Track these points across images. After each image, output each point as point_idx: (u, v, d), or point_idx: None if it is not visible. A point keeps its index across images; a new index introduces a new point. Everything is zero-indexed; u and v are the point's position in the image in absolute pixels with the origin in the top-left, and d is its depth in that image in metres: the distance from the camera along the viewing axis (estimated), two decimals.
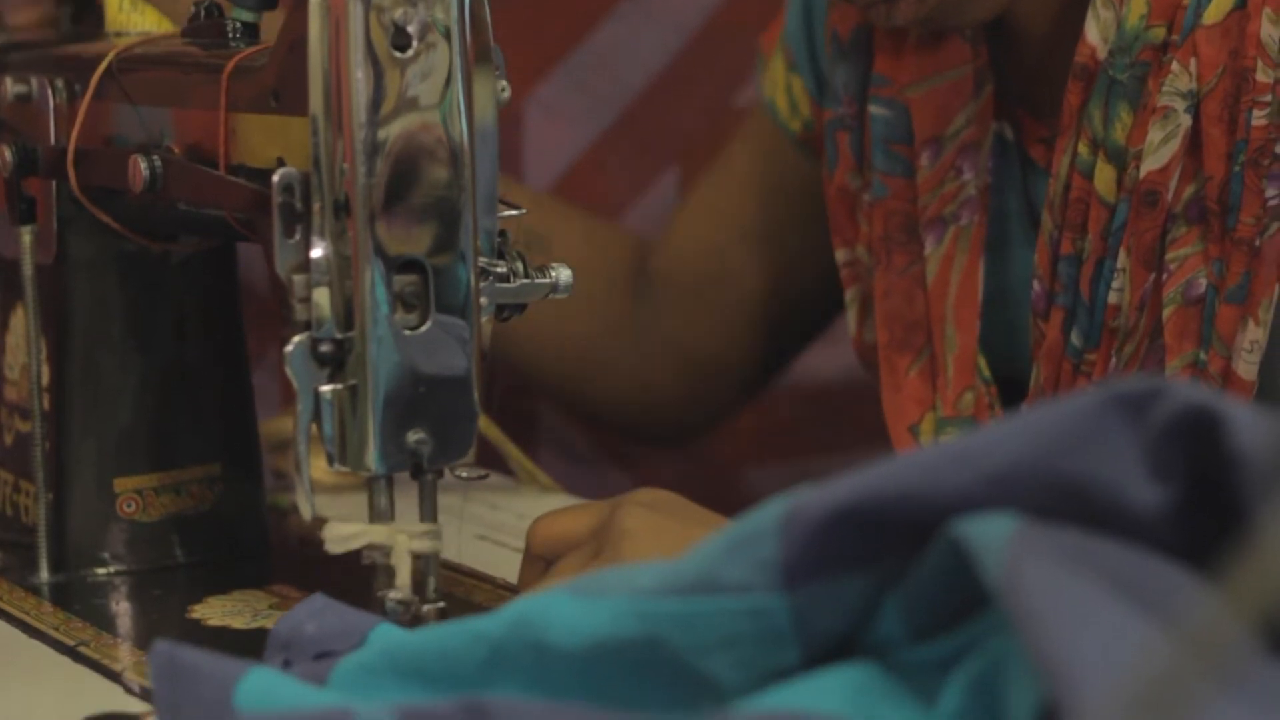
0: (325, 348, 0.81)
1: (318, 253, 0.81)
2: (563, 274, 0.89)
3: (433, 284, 0.82)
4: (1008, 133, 1.11)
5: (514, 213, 0.88)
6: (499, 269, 0.87)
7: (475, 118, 0.83)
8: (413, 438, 0.82)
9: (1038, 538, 0.55)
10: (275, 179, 0.82)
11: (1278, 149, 0.96)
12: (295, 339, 0.81)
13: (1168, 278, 0.98)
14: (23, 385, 1.05)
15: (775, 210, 1.28)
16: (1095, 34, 1.00)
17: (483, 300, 0.85)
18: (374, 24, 0.80)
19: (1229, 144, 0.97)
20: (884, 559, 0.59)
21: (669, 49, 1.49)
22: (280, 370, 0.82)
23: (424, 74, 0.81)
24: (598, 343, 1.33)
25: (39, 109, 1.03)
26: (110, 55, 0.99)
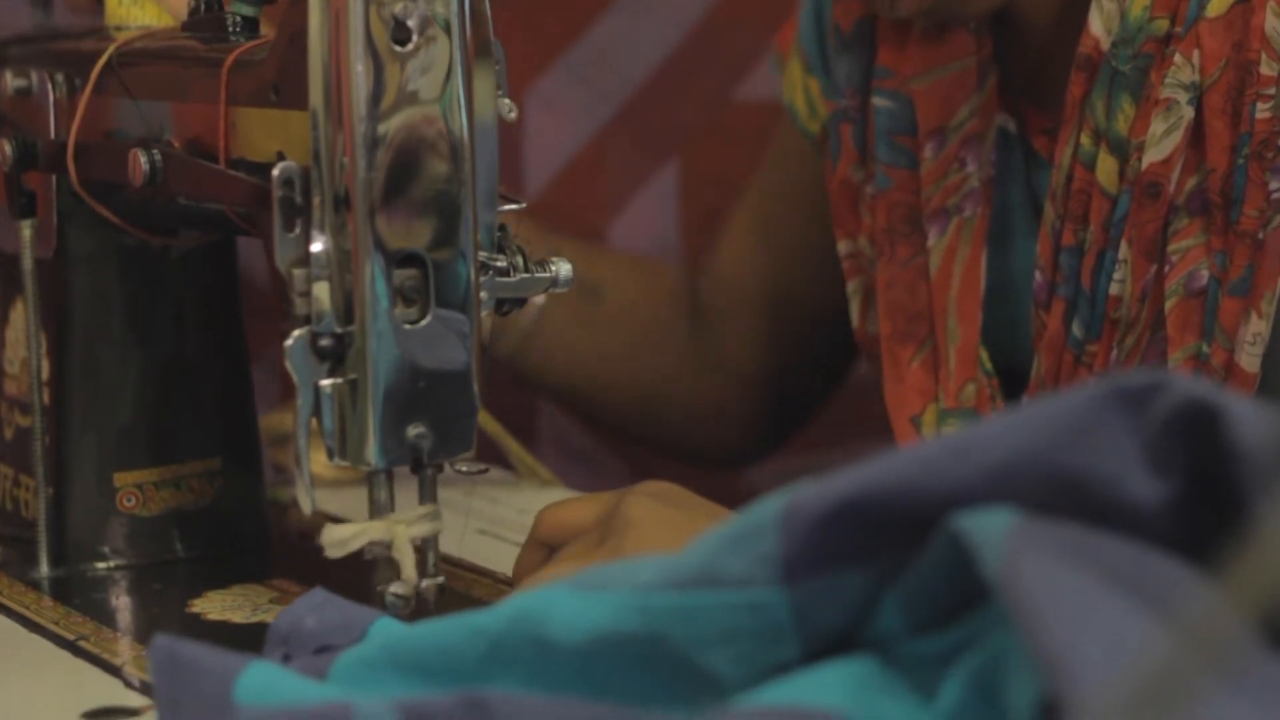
0: (325, 342, 0.81)
1: (318, 247, 0.81)
2: (563, 268, 0.89)
3: (433, 278, 0.82)
4: (1010, 125, 1.11)
5: (514, 207, 0.88)
6: (499, 263, 0.87)
7: (475, 112, 0.83)
8: (413, 432, 0.82)
9: (1037, 532, 0.55)
10: (275, 173, 0.82)
11: None
12: (295, 333, 0.81)
13: (1170, 269, 0.98)
14: (23, 380, 1.05)
15: (816, 223, 1.27)
16: (1099, 25, 1.00)
17: (483, 295, 0.85)
18: (374, 18, 0.80)
19: (1232, 137, 0.97)
20: (884, 553, 0.59)
21: (669, 43, 1.48)
22: (280, 365, 0.82)
23: (424, 68, 0.81)
24: (660, 379, 1.34)
25: (39, 103, 1.03)
26: (110, 49, 0.99)
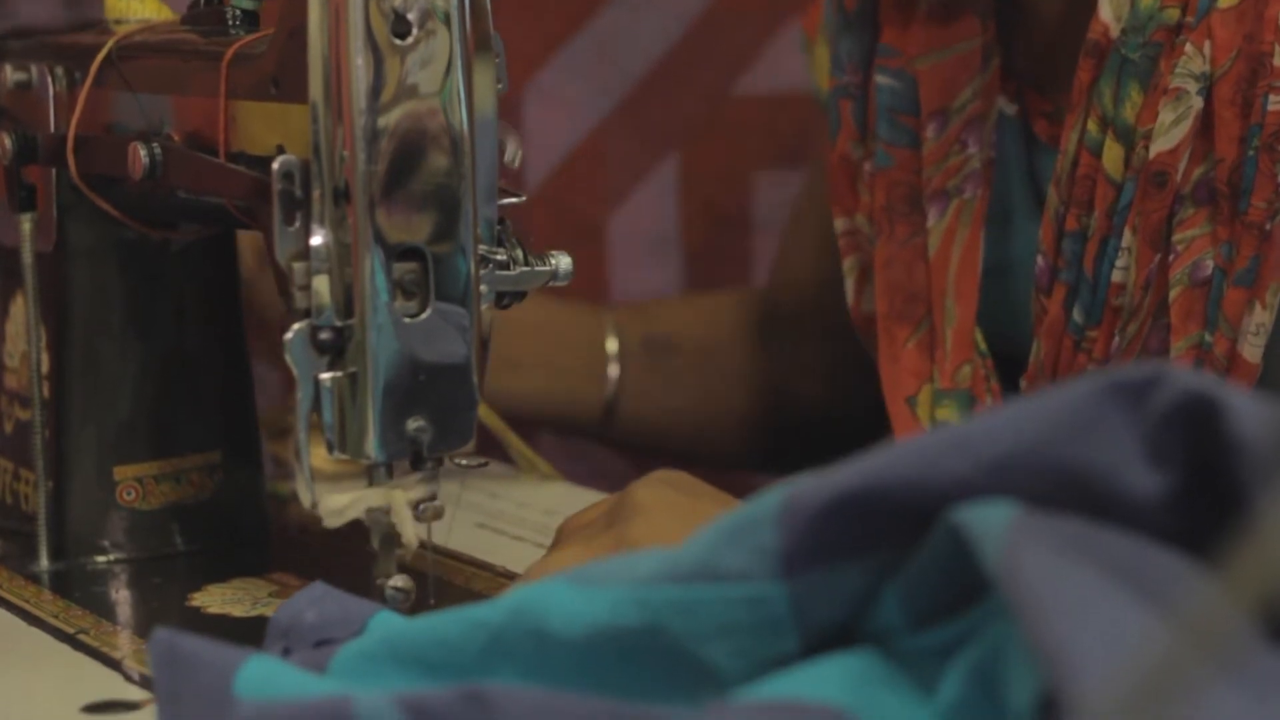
0: (325, 335, 0.81)
1: (317, 240, 0.81)
2: (562, 262, 0.89)
3: (432, 272, 0.82)
4: (1009, 109, 1.11)
5: (514, 200, 0.88)
6: (499, 256, 0.87)
7: (475, 105, 0.83)
8: (412, 425, 0.82)
9: (1036, 525, 0.55)
10: (275, 166, 0.81)
11: None
12: (295, 327, 0.81)
13: (1174, 258, 0.98)
14: (22, 373, 1.05)
15: None
16: (1108, 12, 1.00)
17: (482, 288, 0.85)
18: (374, 11, 0.80)
19: (1242, 127, 0.97)
20: (883, 547, 0.59)
21: (669, 37, 1.48)
22: (280, 358, 0.82)
23: (424, 61, 0.81)
24: (746, 411, 1.34)
25: (39, 96, 1.03)
26: (110, 43, 0.99)
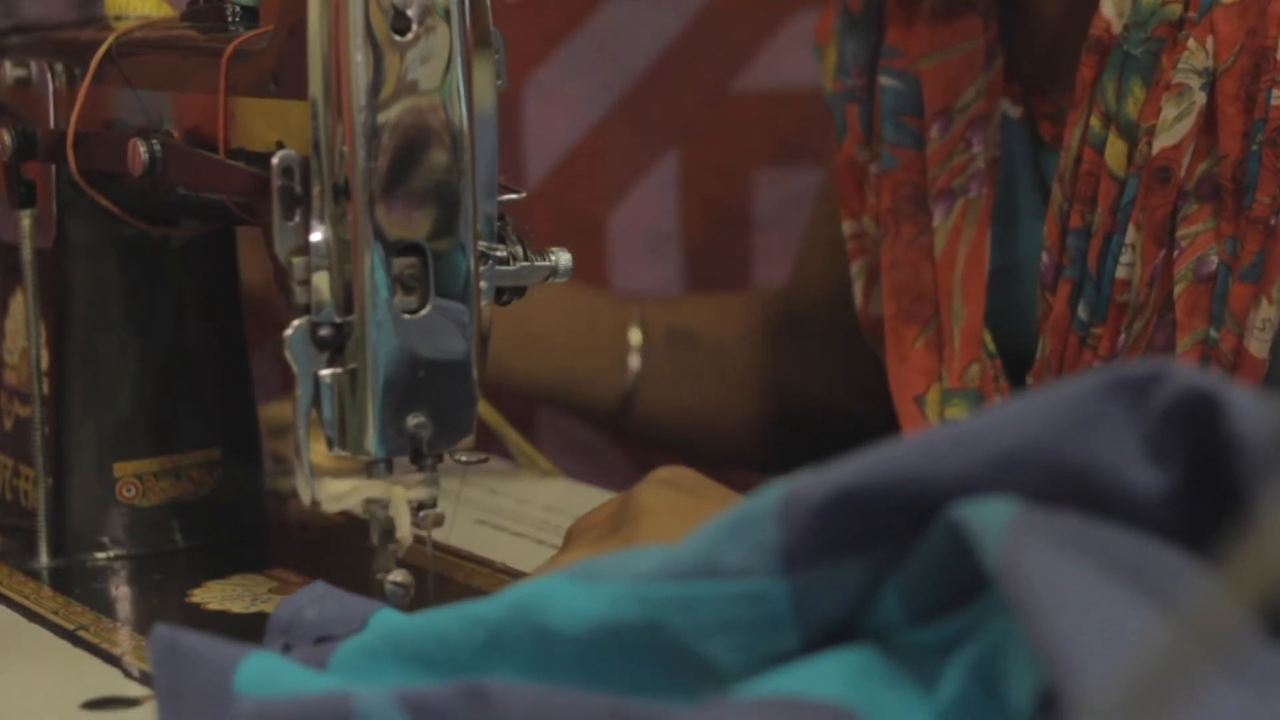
0: (325, 332, 0.81)
1: (317, 236, 0.81)
2: (562, 258, 0.89)
3: (432, 268, 0.82)
4: (1012, 110, 1.11)
5: (514, 196, 0.88)
6: (498, 253, 0.87)
7: (475, 102, 0.83)
8: (412, 422, 0.82)
9: (1037, 521, 0.55)
10: (275, 162, 0.81)
11: None
12: (295, 323, 0.81)
13: (1179, 254, 0.98)
14: (22, 370, 1.05)
15: None
16: (1111, 8, 1.00)
17: (482, 284, 0.85)
18: (373, 7, 0.80)
19: (1246, 122, 0.97)
20: (883, 543, 0.59)
21: (669, 32, 1.48)
22: (280, 354, 0.82)
23: (424, 57, 0.81)
24: (764, 409, 1.34)
25: (38, 93, 1.03)
26: (110, 39, 0.99)
